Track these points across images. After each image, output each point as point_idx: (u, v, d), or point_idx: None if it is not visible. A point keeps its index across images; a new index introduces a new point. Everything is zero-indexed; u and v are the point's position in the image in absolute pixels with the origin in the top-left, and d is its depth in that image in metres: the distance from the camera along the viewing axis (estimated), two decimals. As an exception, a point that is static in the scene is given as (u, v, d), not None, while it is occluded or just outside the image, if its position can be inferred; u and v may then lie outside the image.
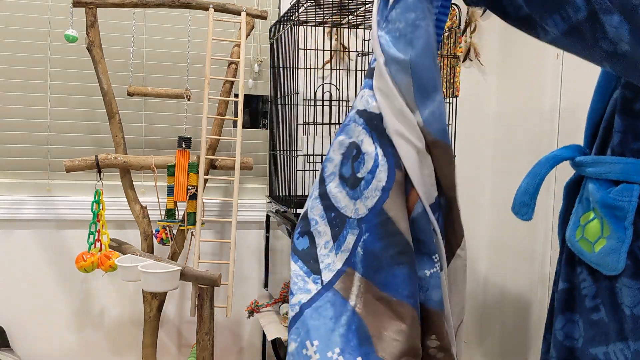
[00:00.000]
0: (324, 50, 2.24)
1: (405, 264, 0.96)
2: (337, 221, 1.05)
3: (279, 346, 2.34)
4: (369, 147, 1.01)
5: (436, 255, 0.99)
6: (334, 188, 1.06)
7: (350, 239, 1.03)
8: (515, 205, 1.03)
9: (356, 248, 1.01)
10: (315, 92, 2.29)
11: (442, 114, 0.96)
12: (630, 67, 0.77)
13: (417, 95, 0.95)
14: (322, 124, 2.23)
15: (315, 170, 2.11)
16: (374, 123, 1.00)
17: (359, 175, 1.02)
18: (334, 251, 1.06)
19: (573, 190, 1.07)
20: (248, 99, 2.43)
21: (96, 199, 1.98)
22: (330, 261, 1.06)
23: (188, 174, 2.10)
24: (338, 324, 1.02)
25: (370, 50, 2.26)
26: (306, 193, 2.24)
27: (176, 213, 2.12)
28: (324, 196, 1.07)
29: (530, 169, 1.02)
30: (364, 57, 2.22)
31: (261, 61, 2.43)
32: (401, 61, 0.94)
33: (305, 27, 2.20)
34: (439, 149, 0.97)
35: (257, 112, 2.47)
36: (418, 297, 0.99)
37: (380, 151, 0.99)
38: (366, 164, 1.01)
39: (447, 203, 1.01)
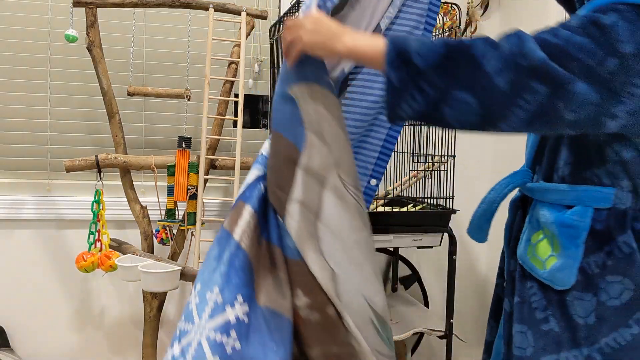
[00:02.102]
0: (324, 50, 2.23)
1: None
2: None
3: (279, 346, 2.34)
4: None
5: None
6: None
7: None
8: (472, 229, 1.12)
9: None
10: (315, 92, 2.28)
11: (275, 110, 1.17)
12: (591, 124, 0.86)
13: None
14: (322, 123, 2.23)
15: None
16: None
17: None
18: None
19: (517, 206, 1.15)
20: (248, 99, 2.43)
21: (96, 198, 1.98)
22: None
23: (188, 174, 2.10)
24: (220, 262, 1.04)
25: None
26: (306, 193, 2.23)
27: (176, 213, 2.12)
28: None
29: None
30: (364, 57, 2.21)
31: (261, 61, 2.43)
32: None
33: (305, 27, 2.20)
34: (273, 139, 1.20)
35: (257, 112, 2.47)
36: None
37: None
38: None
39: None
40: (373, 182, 1.34)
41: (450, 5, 2.10)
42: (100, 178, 2.01)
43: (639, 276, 0.92)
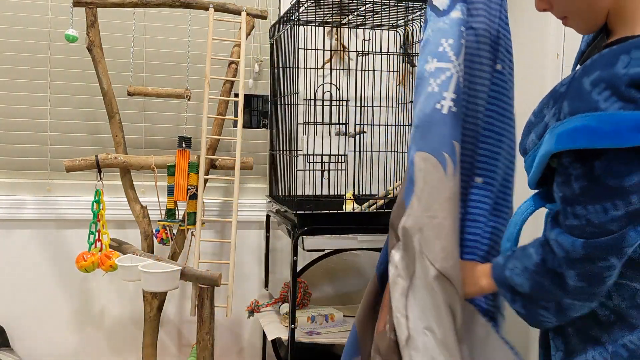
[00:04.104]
0: (324, 50, 2.24)
1: None
2: None
3: (279, 346, 2.34)
4: None
5: None
6: None
7: None
8: (502, 252, 1.17)
9: None
10: (315, 92, 2.29)
11: None
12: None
13: None
14: (322, 123, 2.23)
15: (315, 170, 2.11)
16: None
17: None
18: None
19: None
20: (248, 98, 2.43)
21: (96, 198, 1.98)
22: None
23: (188, 174, 2.10)
24: None
25: (369, 49, 2.26)
26: (306, 193, 2.24)
27: (176, 213, 2.12)
28: None
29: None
30: (364, 57, 2.22)
31: (261, 61, 2.43)
32: None
33: (305, 27, 2.20)
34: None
35: (257, 112, 2.47)
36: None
37: None
38: None
39: None
40: (478, 179, 1.29)
41: (450, 5, 2.10)
42: (101, 178, 2.01)
43: None
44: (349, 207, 2.07)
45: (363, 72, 2.20)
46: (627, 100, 0.81)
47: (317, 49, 2.18)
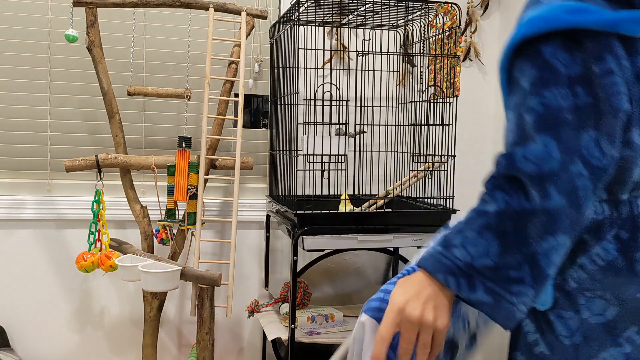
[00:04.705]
0: (324, 50, 2.24)
1: None
2: None
3: (279, 346, 2.34)
4: None
5: None
6: None
7: None
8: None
9: None
10: (315, 92, 2.29)
11: None
12: None
13: None
14: (322, 123, 2.23)
15: (315, 170, 2.11)
16: None
17: None
18: None
19: None
20: (248, 98, 2.43)
21: (96, 198, 1.98)
22: None
23: (188, 174, 2.10)
24: None
25: (369, 50, 2.26)
26: (306, 193, 2.24)
27: (176, 213, 2.12)
28: None
29: None
30: (364, 57, 2.22)
31: (261, 61, 2.43)
32: None
33: (305, 26, 2.20)
34: None
35: (257, 112, 2.47)
36: None
37: None
38: None
39: None
40: None
41: (450, 5, 2.10)
42: (101, 178, 2.01)
43: (620, 289, 0.86)
44: (343, 207, 2.06)
45: (363, 72, 2.20)
46: None
47: (317, 49, 2.18)
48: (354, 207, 2.10)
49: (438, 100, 2.06)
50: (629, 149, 0.85)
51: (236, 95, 2.09)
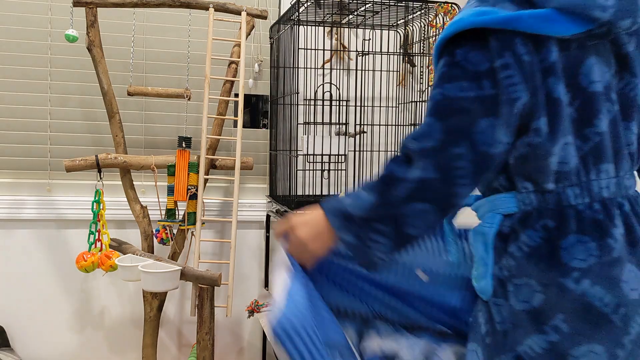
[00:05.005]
0: (324, 50, 2.24)
1: None
2: None
3: (279, 346, 2.34)
4: None
5: None
6: None
7: None
8: None
9: None
10: (315, 92, 2.29)
11: None
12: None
13: None
14: (322, 123, 2.23)
15: (315, 170, 2.10)
16: None
17: None
18: None
19: None
20: (248, 98, 2.43)
21: (96, 198, 1.98)
22: None
23: (188, 174, 2.10)
24: None
25: (369, 49, 2.26)
26: (306, 193, 2.24)
27: (176, 213, 2.12)
28: None
29: None
30: (364, 57, 2.22)
31: (261, 61, 2.43)
32: None
33: (305, 26, 2.20)
34: None
35: (257, 112, 2.47)
36: None
37: None
38: None
39: None
40: None
41: (450, 5, 2.10)
42: (101, 178, 2.01)
43: (544, 276, 0.88)
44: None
45: (363, 72, 2.20)
46: (481, 2, 0.92)
47: (317, 49, 2.18)
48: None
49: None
50: (537, 136, 0.89)
51: (236, 95, 2.09)
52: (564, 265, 0.87)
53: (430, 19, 2.12)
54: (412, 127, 2.14)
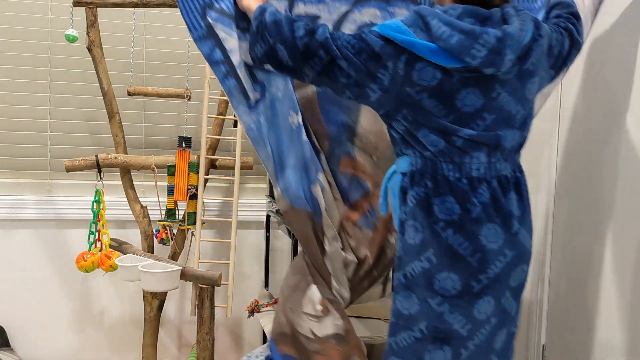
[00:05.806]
0: (324, 50, 2.23)
1: None
2: None
3: (279, 346, 2.34)
4: None
5: None
6: None
7: None
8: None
9: None
10: (316, 92, 2.28)
11: (295, 182, 1.42)
12: (359, 95, 1.23)
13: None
14: (322, 123, 2.23)
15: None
16: None
17: None
18: None
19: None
20: (248, 98, 2.43)
21: (96, 198, 1.98)
22: None
23: (188, 174, 2.10)
24: None
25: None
26: (306, 193, 2.23)
27: (176, 213, 2.12)
28: None
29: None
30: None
31: (261, 61, 2.43)
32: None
33: (305, 27, 2.20)
34: (292, 213, 1.44)
35: (257, 112, 2.47)
36: None
37: None
38: None
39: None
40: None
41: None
42: (101, 178, 2.01)
43: (425, 222, 1.19)
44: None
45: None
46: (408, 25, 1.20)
47: (317, 49, 2.18)
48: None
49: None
50: (406, 122, 1.22)
51: (236, 95, 2.09)
52: (435, 216, 1.19)
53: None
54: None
